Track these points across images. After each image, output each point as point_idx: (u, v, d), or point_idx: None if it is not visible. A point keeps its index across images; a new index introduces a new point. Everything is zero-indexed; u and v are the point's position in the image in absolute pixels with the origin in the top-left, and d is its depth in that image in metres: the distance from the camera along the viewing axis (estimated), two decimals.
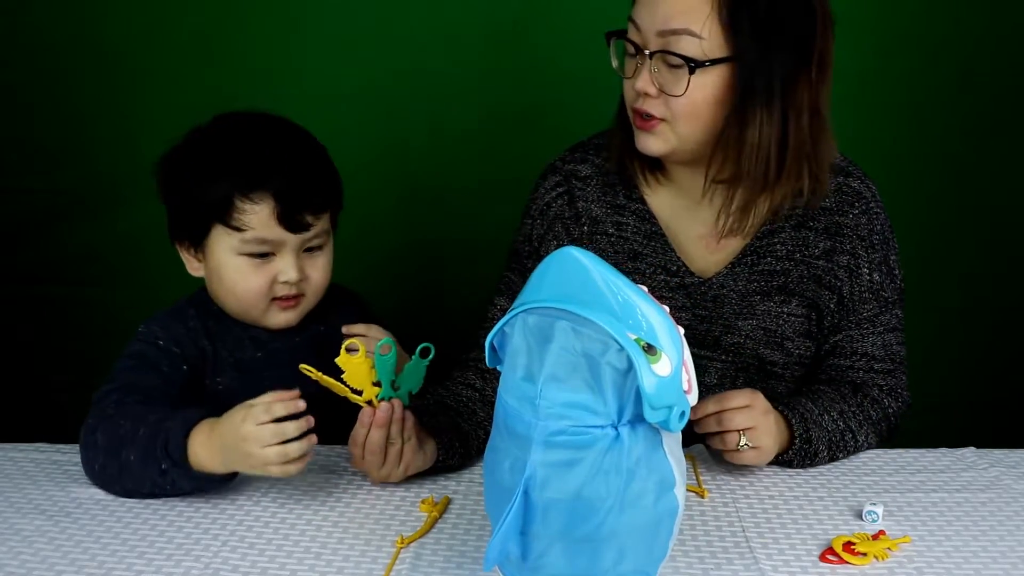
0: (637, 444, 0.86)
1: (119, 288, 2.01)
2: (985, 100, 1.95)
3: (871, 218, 1.35)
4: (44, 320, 2.04)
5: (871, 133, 1.93)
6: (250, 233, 1.24)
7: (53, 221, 2.00)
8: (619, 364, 0.84)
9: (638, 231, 1.39)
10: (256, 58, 1.91)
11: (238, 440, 1.09)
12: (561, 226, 1.41)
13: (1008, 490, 1.20)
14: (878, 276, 1.35)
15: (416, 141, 1.96)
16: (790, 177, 1.27)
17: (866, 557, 1.03)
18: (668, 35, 1.22)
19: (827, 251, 1.34)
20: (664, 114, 1.25)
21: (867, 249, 1.35)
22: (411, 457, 1.18)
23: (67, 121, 1.95)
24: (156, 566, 1.01)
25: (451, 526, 1.11)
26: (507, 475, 0.89)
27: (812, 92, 1.25)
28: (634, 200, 1.39)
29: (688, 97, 1.22)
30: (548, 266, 0.89)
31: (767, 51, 1.21)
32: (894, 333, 1.38)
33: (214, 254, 1.28)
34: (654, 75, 1.24)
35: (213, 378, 1.31)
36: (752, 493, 1.19)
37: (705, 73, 1.21)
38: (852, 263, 1.34)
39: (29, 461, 1.25)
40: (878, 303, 1.36)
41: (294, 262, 1.27)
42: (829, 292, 1.35)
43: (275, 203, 1.24)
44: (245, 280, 1.27)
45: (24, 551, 1.04)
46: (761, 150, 1.24)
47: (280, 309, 1.30)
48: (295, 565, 1.02)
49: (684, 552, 1.05)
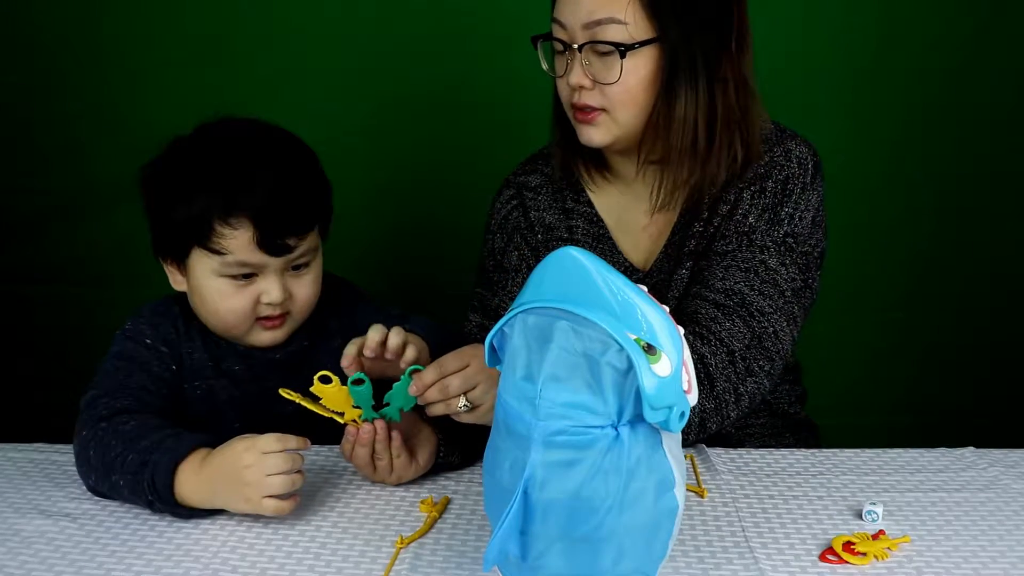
0: (637, 444, 0.86)
1: (115, 288, 2.00)
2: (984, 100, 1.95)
3: (772, 168, 1.34)
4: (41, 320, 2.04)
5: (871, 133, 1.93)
6: (231, 257, 1.20)
7: (49, 221, 2.00)
8: (619, 364, 0.84)
9: (587, 233, 1.43)
10: (253, 59, 1.91)
11: (239, 469, 1.07)
12: (520, 236, 1.45)
13: (1007, 490, 1.20)
14: (753, 220, 1.33)
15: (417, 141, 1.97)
16: (722, 147, 1.30)
17: (866, 557, 1.03)
18: (594, 26, 1.25)
19: (715, 202, 1.35)
20: (602, 103, 1.29)
21: (754, 194, 1.33)
22: (401, 470, 1.18)
23: (63, 122, 1.95)
24: (156, 566, 1.01)
25: (451, 526, 1.11)
26: (507, 475, 0.89)
27: (735, 64, 1.29)
28: (581, 203, 1.43)
29: (622, 83, 1.26)
30: (547, 266, 0.89)
31: (688, 29, 1.26)
32: (747, 274, 1.29)
33: (195, 274, 1.24)
34: (586, 68, 1.28)
35: (192, 381, 1.29)
36: (752, 493, 1.19)
37: (634, 56, 1.25)
38: (732, 209, 1.34)
39: (28, 461, 1.25)
40: (738, 242, 1.32)
41: (278, 282, 1.23)
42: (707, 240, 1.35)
43: (254, 228, 1.19)
44: (226, 301, 1.23)
45: (23, 552, 1.04)
46: (688, 124, 1.28)
47: (264, 329, 1.27)
48: (295, 565, 1.02)
49: (684, 552, 1.05)
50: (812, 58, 1.91)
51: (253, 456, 1.06)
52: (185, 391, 1.28)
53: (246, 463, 1.06)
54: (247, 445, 1.07)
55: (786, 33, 1.86)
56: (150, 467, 1.09)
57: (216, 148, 1.24)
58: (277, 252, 1.21)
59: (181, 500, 1.09)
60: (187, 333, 1.29)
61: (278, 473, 1.07)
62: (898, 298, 2.03)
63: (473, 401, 1.13)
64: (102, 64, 1.92)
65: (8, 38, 1.92)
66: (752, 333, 1.26)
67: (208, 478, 1.08)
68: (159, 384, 1.25)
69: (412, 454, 1.19)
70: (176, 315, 1.30)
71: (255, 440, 1.08)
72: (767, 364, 1.27)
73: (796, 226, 1.33)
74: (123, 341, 1.27)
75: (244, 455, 1.07)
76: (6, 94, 1.94)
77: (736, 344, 1.25)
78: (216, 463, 1.08)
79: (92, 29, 1.91)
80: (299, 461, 1.09)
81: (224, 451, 1.09)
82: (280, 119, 1.31)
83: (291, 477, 1.07)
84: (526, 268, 1.45)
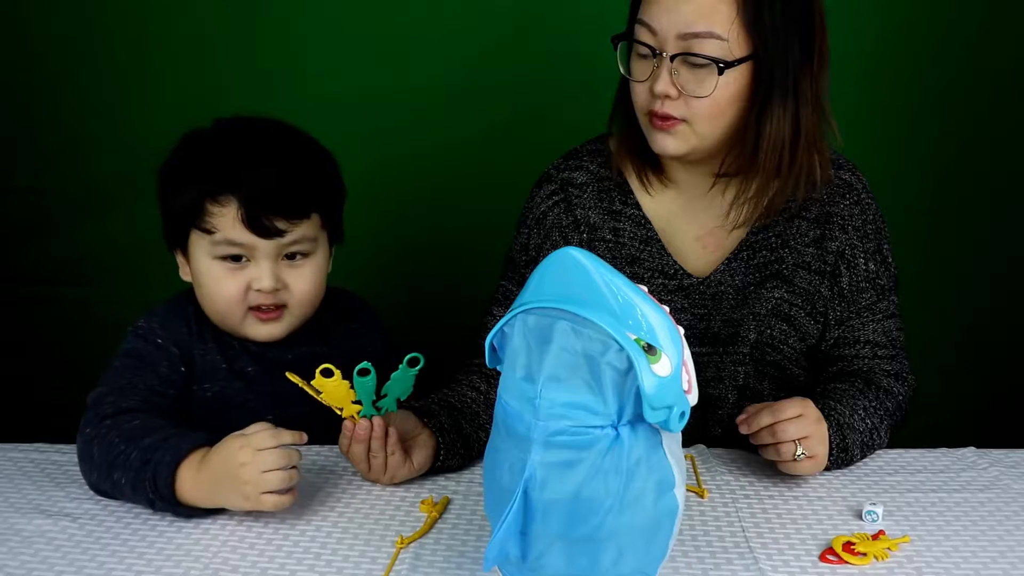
0: (637, 444, 0.86)
1: (116, 288, 2.00)
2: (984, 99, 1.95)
3: (863, 208, 1.37)
4: (41, 320, 2.04)
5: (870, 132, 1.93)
6: (219, 235, 1.21)
7: (50, 222, 2.00)
8: (619, 364, 0.84)
9: (634, 236, 1.40)
10: (254, 60, 1.91)
11: (235, 467, 1.06)
12: (559, 234, 1.42)
13: (1008, 490, 1.20)
14: (873, 265, 1.37)
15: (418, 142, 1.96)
16: (802, 169, 1.30)
17: (866, 557, 1.03)
18: (691, 38, 1.22)
19: (817, 239, 1.36)
20: (684, 114, 1.26)
21: (861, 239, 1.36)
22: (395, 469, 1.18)
23: (64, 122, 1.95)
24: (156, 566, 1.01)
25: (451, 526, 1.11)
26: (507, 475, 0.89)
27: (815, 85, 1.28)
28: (629, 205, 1.40)
29: (712, 97, 1.24)
30: (548, 266, 0.89)
31: (783, 47, 1.23)
32: (892, 320, 1.39)
33: (194, 259, 1.25)
34: (674, 77, 1.24)
35: (202, 383, 1.29)
36: (752, 493, 1.19)
37: (729, 73, 1.23)
38: (848, 252, 1.36)
39: (29, 461, 1.25)
40: (875, 291, 1.37)
41: (269, 269, 1.23)
42: (820, 278, 1.36)
43: (239, 206, 1.20)
44: (219, 285, 1.24)
45: (24, 551, 1.04)
46: (777, 143, 1.27)
47: (259, 320, 1.26)
48: (295, 565, 1.02)
49: (684, 552, 1.05)
50: None
51: (248, 454, 1.06)
52: (194, 392, 1.28)
53: (241, 461, 1.06)
54: (241, 443, 1.07)
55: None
56: (152, 465, 1.09)
57: (219, 137, 1.26)
58: (265, 233, 1.21)
59: (182, 499, 1.09)
60: (199, 333, 1.29)
61: (274, 469, 1.07)
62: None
63: (808, 451, 1.19)
64: (102, 64, 1.92)
65: (8, 38, 1.91)
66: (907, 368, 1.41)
67: (206, 478, 1.08)
68: (166, 385, 1.24)
69: (408, 454, 1.19)
70: (190, 315, 1.30)
71: (249, 437, 1.07)
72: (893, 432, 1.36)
73: (892, 257, 1.40)
74: (134, 339, 1.27)
75: (239, 453, 1.06)
76: (6, 94, 1.94)
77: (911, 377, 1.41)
78: (213, 462, 1.08)
79: (92, 29, 1.90)
80: (295, 456, 1.09)
81: (219, 449, 1.08)
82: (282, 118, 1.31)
83: (288, 473, 1.07)
84: None
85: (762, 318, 1.36)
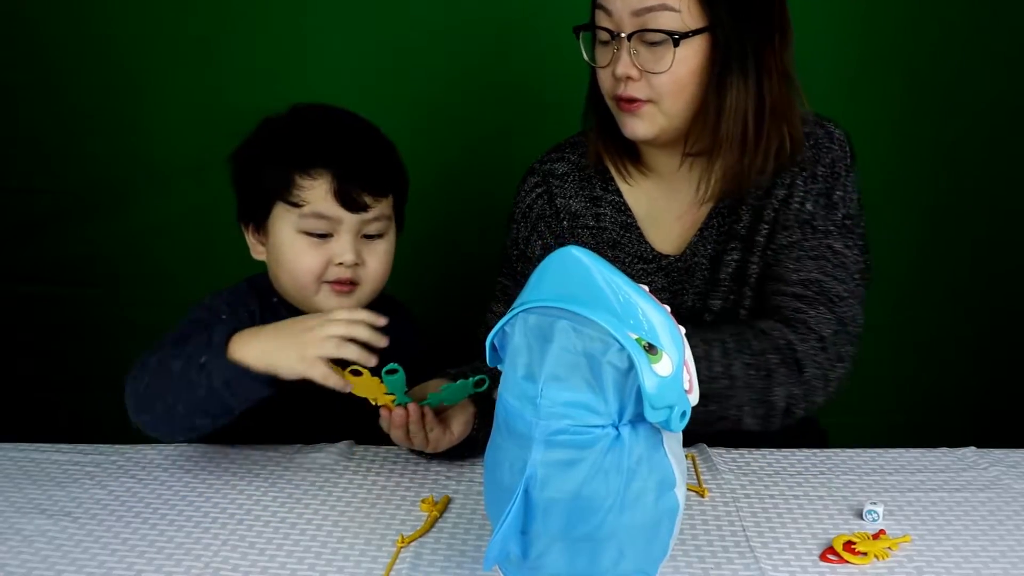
0: (638, 444, 0.86)
1: (118, 288, 2.00)
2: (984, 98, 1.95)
3: (819, 152, 1.35)
4: (44, 320, 2.04)
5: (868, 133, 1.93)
6: (308, 208, 1.26)
7: (53, 221, 1.99)
8: (620, 364, 0.84)
9: (615, 221, 1.42)
10: (255, 59, 1.91)
11: (301, 328, 1.12)
12: (544, 225, 1.44)
13: (1008, 490, 1.20)
14: (811, 206, 1.34)
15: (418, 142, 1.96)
16: (770, 139, 1.30)
17: (866, 556, 1.03)
18: (644, 14, 1.24)
19: (768, 188, 1.36)
20: (649, 95, 1.28)
21: (806, 180, 1.34)
22: (436, 442, 1.20)
23: (67, 121, 1.95)
24: (156, 565, 1.01)
25: (451, 526, 1.11)
26: (507, 474, 0.89)
27: (778, 56, 1.29)
28: (610, 192, 1.43)
29: (672, 72, 1.25)
30: (548, 265, 0.89)
31: (739, 19, 1.25)
32: (819, 262, 1.31)
33: (275, 232, 1.30)
34: (634, 57, 1.26)
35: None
36: (752, 493, 1.19)
37: (686, 45, 1.24)
38: (786, 195, 1.35)
39: (29, 461, 1.25)
40: (802, 231, 1.33)
41: (351, 243, 1.28)
42: (765, 225, 1.35)
43: (332, 179, 1.26)
44: (301, 258, 1.28)
45: (24, 551, 1.04)
46: (738, 114, 1.27)
47: (334, 293, 1.30)
48: (295, 565, 1.02)
49: (684, 551, 1.05)
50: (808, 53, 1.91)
51: (318, 319, 1.12)
52: None
53: (309, 324, 1.12)
54: (317, 314, 1.15)
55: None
56: (209, 331, 1.15)
57: (305, 118, 1.33)
58: (352, 207, 1.27)
59: (233, 356, 1.13)
60: (262, 319, 1.31)
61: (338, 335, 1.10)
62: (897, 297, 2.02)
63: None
64: (102, 64, 1.91)
65: (8, 38, 1.91)
66: (837, 319, 1.28)
67: (269, 335, 1.14)
68: None
69: (447, 424, 1.21)
70: (251, 303, 1.34)
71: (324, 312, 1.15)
72: (852, 348, 1.28)
73: (849, 208, 1.34)
74: (199, 310, 1.31)
75: (310, 319, 1.14)
76: (6, 94, 1.94)
77: (825, 331, 1.26)
78: (279, 325, 1.15)
79: (92, 29, 1.90)
80: (364, 332, 1.12)
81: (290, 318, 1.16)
82: None
83: (349, 345, 1.10)
84: None
85: (725, 284, 1.36)
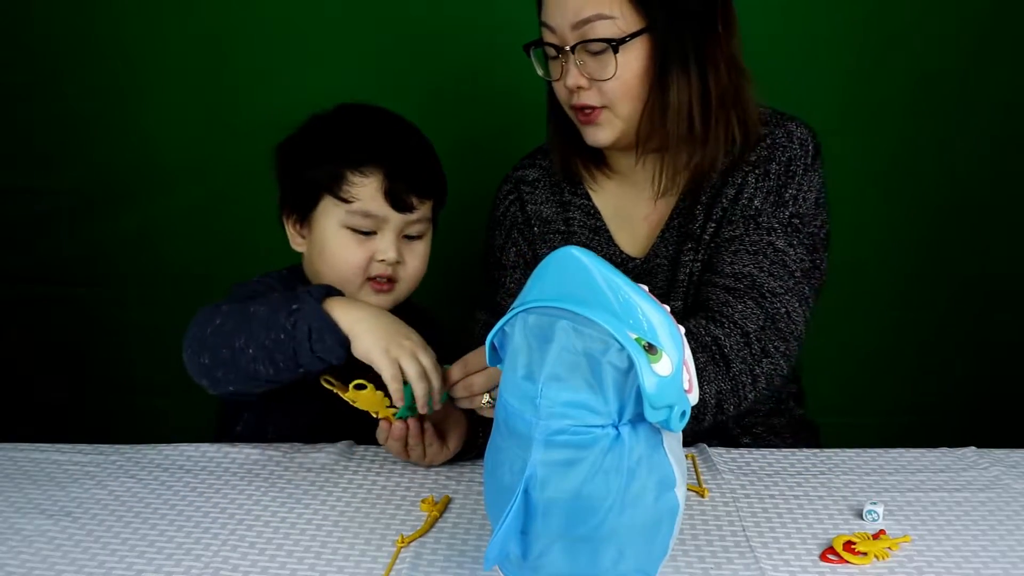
0: (638, 444, 0.86)
1: (119, 288, 2.00)
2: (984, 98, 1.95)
3: (775, 150, 1.36)
4: (44, 320, 2.04)
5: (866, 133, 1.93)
6: (357, 205, 1.29)
7: (53, 221, 2.00)
8: (620, 363, 0.84)
9: (584, 225, 1.45)
10: (254, 59, 1.91)
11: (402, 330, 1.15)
12: (517, 232, 1.47)
13: (1008, 490, 1.20)
14: (759, 203, 1.34)
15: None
16: (719, 129, 1.32)
17: (867, 556, 1.03)
18: (583, 25, 1.27)
19: (719, 187, 1.37)
20: (601, 101, 1.31)
21: (758, 178, 1.35)
22: (433, 457, 1.22)
23: (68, 121, 1.95)
24: (156, 565, 1.01)
25: (451, 526, 1.11)
26: (507, 474, 0.89)
27: (723, 46, 1.31)
28: (579, 196, 1.46)
29: (619, 77, 1.28)
30: (548, 265, 0.89)
31: (675, 16, 1.27)
32: (756, 257, 1.30)
33: (320, 226, 1.32)
34: (580, 67, 1.29)
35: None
36: (752, 492, 1.19)
37: (627, 49, 1.27)
38: (736, 192, 1.36)
39: (29, 461, 1.25)
40: (746, 226, 1.34)
41: (394, 242, 1.31)
42: (712, 223, 1.36)
43: (383, 178, 1.29)
44: (345, 253, 1.31)
45: (24, 551, 1.04)
46: (683, 109, 1.30)
47: (373, 291, 1.33)
48: (295, 565, 1.02)
49: (684, 551, 1.05)
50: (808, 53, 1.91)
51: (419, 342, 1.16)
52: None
53: (410, 336, 1.16)
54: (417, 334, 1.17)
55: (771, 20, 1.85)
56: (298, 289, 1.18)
57: (355, 116, 1.36)
58: (400, 207, 1.30)
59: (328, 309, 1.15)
60: None
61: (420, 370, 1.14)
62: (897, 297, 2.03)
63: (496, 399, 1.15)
64: (103, 64, 1.92)
65: (9, 38, 1.92)
66: (765, 314, 1.28)
67: (369, 311, 1.17)
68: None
69: (444, 439, 1.22)
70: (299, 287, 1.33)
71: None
72: (782, 345, 1.28)
73: (801, 207, 1.34)
74: (254, 283, 1.33)
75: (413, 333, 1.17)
76: (6, 94, 1.94)
77: (750, 326, 1.26)
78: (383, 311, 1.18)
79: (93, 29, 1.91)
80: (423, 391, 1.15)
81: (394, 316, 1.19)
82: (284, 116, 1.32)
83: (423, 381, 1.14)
84: (523, 264, 1.46)
85: (683, 285, 1.37)
